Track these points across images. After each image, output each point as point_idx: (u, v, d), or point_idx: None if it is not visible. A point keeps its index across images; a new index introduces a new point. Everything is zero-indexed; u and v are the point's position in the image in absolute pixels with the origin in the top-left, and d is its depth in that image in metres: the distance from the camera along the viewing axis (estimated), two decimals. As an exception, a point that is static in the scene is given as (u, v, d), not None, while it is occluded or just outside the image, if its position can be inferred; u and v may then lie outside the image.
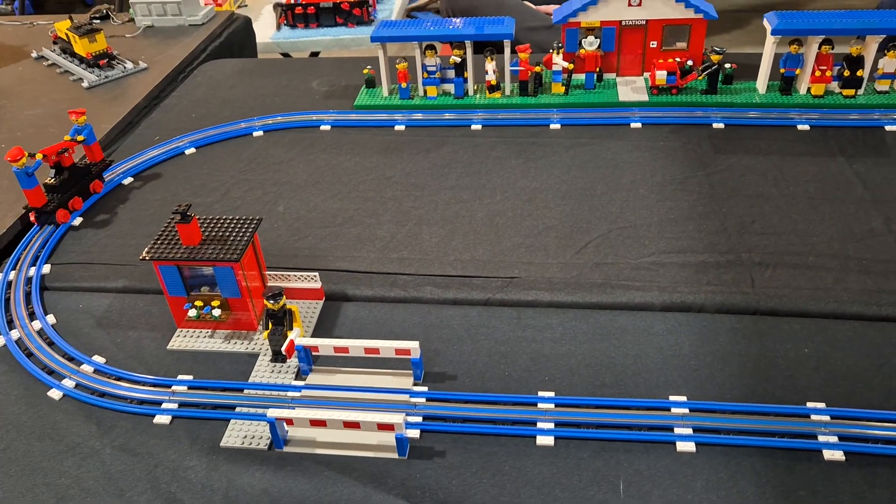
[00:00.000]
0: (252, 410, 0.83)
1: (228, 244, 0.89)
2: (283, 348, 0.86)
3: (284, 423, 0.78)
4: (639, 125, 1.32)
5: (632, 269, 0.99)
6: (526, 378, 0.85)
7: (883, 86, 1.33)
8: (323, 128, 1.41)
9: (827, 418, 0.77)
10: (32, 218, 1.15)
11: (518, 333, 0.91)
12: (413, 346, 0.83)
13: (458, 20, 1.40)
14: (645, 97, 1.38)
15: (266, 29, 2.20)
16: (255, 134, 1.40)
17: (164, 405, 0.84)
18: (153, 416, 0.84)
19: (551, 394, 0.82)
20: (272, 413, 0.77)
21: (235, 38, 1.90)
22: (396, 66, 1.41)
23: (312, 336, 0.94)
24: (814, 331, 0.88)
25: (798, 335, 0.87)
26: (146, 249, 0.89)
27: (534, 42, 1.96)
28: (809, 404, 0.78)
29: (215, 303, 0.91)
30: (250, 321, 0.94)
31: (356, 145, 1.35)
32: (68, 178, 1.17)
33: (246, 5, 2.35)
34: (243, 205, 1.20)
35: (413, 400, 0.83)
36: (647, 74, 1.43)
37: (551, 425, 0.79)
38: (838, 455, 0.73)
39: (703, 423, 0.77)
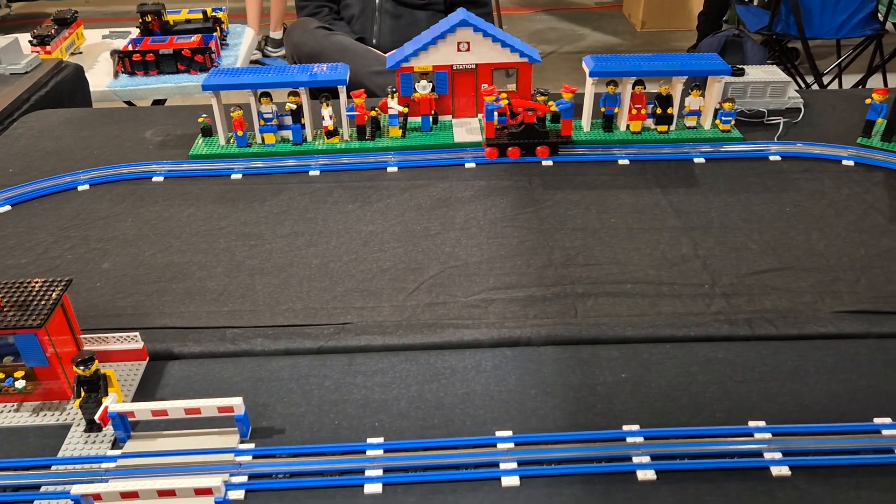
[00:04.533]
0: (59, 488, 0.77)
1: (31, 309, 0.83)
2: (96, 416, 0.81)
3: (92, 499, 0.73)
4: (473, 165, 1.36)
5: (462, 307, 1.01)
6: (356, 426, 0.84)
7: (691, 122, 1.44)
8: (155, 179, 1.35)
9: (641, 439, 0.81)
10: (487, 151, 1.37)
11: (349, 380, 0.90)
12: (236, 402, 0.80)
13: (319, 67, 1.40)
14: (479, 138, 1.43)
15: (103, 77, 2.11)
16: (80, 188, 1.33)
17: (-44, 493, 0.77)
18: (-58, 506, 0.76)
19: (380, 439, 0.81)
20: (77, 490, 0.71)
21: (64, 87, 1.81)
22: (231, 114, 1.39)
23: (134, 400, 0.89)
24: (630, 356, 0.92)
25: (616, 361, 0.92)
26: (-65, 321, 0.81)
27: (378, 86, 2.00)
28: (625, 427, 0.82)
29: (19, 374, 0.85)
30: (62, 390, 0.87)
31: (190, 196, 1.30)
32: (523, 131, 1.36)
33: (80, 52, 2.24)
34: (63, 264, 1.13)
35: (238, 459, 0.80)
36: (480, 116, 1.48)
37: (379, 472, 0.78)
38: (650, 475, 0.77)
39: (527, 457, 0.79)
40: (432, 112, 1.45)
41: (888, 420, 0.82)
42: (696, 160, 1.36)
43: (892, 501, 0.73)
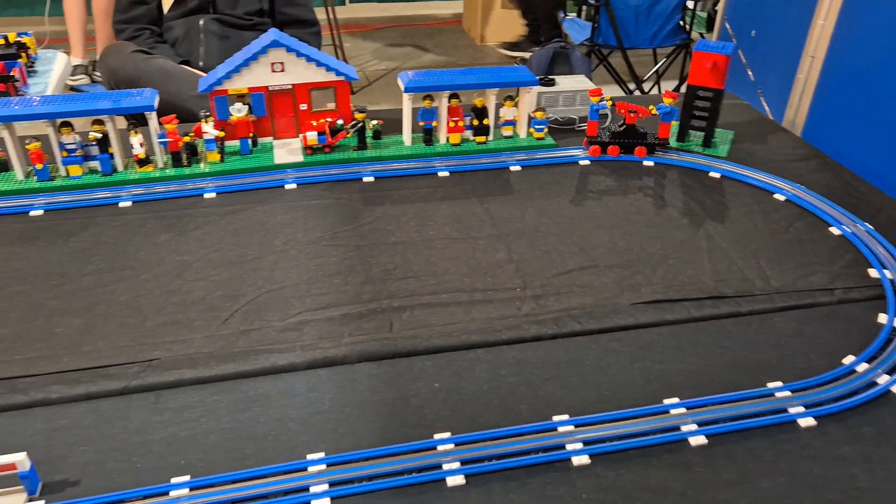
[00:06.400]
0: None
1: None
2: None
3: None
4: (294, 186, 1.35)
5: (277, 331, 0.99)
6: (161, 467, 0.80)
7: (507, 131, 1.50)
8: (-59, 221, 1.24)
9: (451, 446, 0.82)
10: (589, 149, 1.46)
11: (155, 419, 0.86)
12: (19, 458, 0.75)
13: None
14: (300, 158, 1.41)
15: None
16: None
17: None
18: None
19: (186, 478, 0.78)
20: None
21: None
22: (27, 146, 1.30)
23: None
24: (443, 365, 0.94)
25: (429, 371, 0.93)
26: None
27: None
28: (436, 436, 0.83)
29: None
30: None
31: (-18, 237, 1.21)
32: (624, 131, 1.43)
33: None
34: None
35: (26, 519, 0.74)
36: (302, 135, 1.46)
37: (183, 513, 0.75)
38: (459, 480, 0.78)
39: (338, 476, 0.78)
40: (251, 135, 1.42)
41: (675, 400, 0.88)
42: (512, 168, 1.42)
43: (678, 476, 0.79)
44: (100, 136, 1.32)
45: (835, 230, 1.22)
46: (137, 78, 1.97)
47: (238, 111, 1.39)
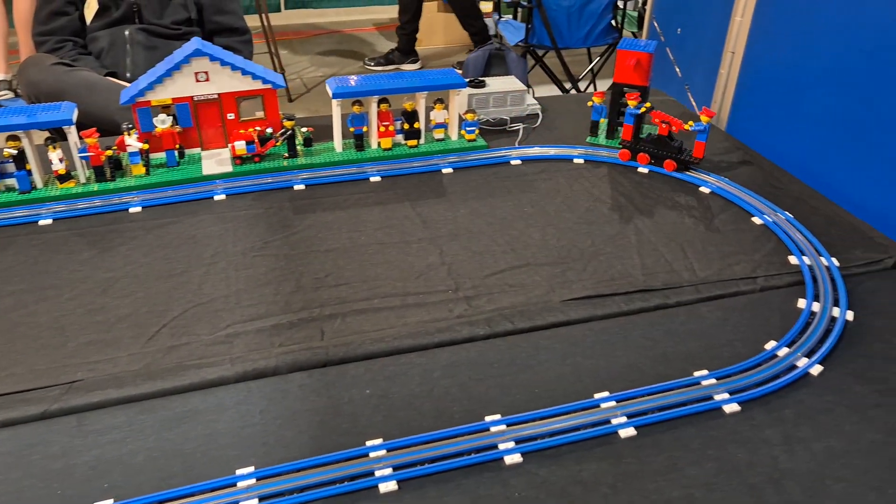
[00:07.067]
0: None
1: None
2: None
3: None
4: (223, 197, 1.32)
5: (205, 345, 0.97)
6: (84, 492, 0.78)
7: (438, 134, 1.50)
8: None
9: (383, 452, 0.82)
10: (620, 153, 1.46)
11: (77, 443, 0.83)
12: (-71, 492, 0.72)
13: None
14: (230, 168, 1.39)
15: None
16: None
17: None
18: None
19: (109, 502, 0.76)
20: None
21: None
22: (-62, 166, 1.25)
23: None
24: (376, 371, 0.94)
25: (362, 378, 0.93)
26: None
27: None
28: (368, 443, 0.83)
29: None
30: None
31: None
32: (656, 140, 1.42)
33: None
34: None
35: (-61, 555, 0.71)
36: (230, 145, 1.44)
37: (107, 538, 0.73)
38: (392, 486, 0.78)
39: (268, 490, 0.77)
40: (177, 146, 1.39)
41: (606, 393, 0.89)
42: (444, 171, 1.42)
43: (608, 469, 0.80)
44: (15, 152, 1.27)
45: (757, 220, 1.26)
46: (61, 91, 1.91)
47: (162, 122, 1.36)
